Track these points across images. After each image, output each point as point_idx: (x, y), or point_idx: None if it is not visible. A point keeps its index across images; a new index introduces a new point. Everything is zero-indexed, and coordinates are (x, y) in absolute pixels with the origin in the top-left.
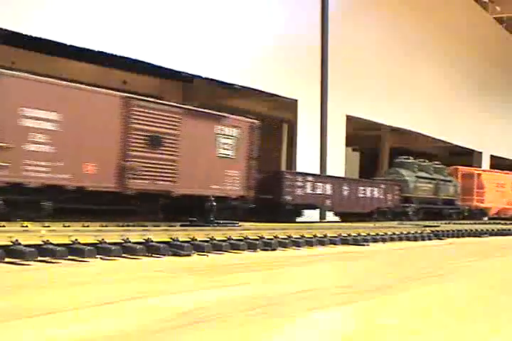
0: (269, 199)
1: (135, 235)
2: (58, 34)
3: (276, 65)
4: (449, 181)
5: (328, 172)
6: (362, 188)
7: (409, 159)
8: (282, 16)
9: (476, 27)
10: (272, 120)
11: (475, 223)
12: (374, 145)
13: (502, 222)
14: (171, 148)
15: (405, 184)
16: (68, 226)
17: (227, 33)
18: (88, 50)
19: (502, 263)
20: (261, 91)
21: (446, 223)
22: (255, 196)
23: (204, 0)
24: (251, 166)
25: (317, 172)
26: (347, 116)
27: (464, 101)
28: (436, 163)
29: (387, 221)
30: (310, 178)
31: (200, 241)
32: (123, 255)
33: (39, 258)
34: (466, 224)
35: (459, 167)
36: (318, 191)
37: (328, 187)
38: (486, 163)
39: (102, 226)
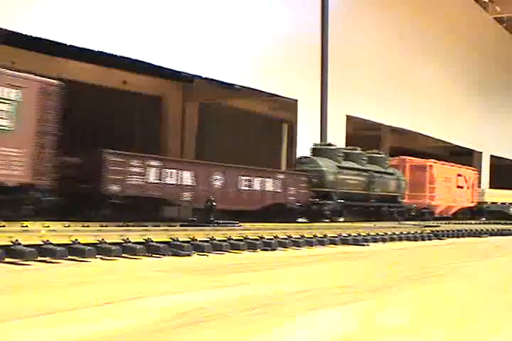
0: (88, 191)
1: (135, 235)
2: (58, 34)
3: (277, 65)
4: (390, 174)
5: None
6: (246, 178)
7: (330, 145)
8: (282, 16)
9: (476, 27)
10: (272, 120)
11: (475, 223)
12: (374, 145)
13: (502, 221)
14: None
15: (321, 175)
16: (68, 226)
17: (228, 33)
18: (88, 50)
19: (502, 263)
20: (261, 91)
21: (446, 223)
22: (62, 185)
23: (204, 0)
24: (45, 143)
25: None
26: (347, 116)
27: (464, 101)
28: (374, 151)
29: (292, 222)
30: (155, 162)
31: (200, 241)
32: (123, 255)
33: (39, 258)
34: (466, 224)
35: (407, 157)
36: (170, 180)
37: (188, 175)
38: (486, 163)
39: (102, 226)
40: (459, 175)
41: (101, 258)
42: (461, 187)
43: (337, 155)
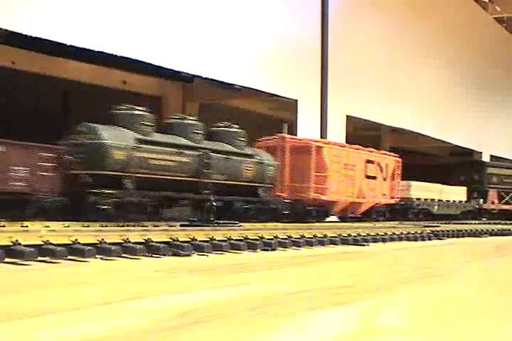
0: None
1: (135, 235)
2: (58, 34)
3: (277, 65)
4: (247, 156)
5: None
6: None
7: (135, 109)
8: (283, 17)
9: (476, 27)
10: (272, 120)
11: (475, 223)
12: (374, 145)
13: (502, 222)
14: None
15: (101, 151)
16: (68, 227)
17: (228, 34)
18: (88, 50)
19: (502, 263)
20: (261, 91)
21: (446, 223)
22: None
23: (204, 0)
24: None
25: None
26: (347, 116)
27: (464, 101)
28: (223, 124)
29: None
30: None
31: (200, 241)
32: (123, 255)
33: (39, 258)
34: (466, 224)
35: (287, 136)
36: None
37: None
38: None
39: (102, 227)
40: (370, 161)
41: (101, 258)
42: (374, 178)
43: (141, 123)
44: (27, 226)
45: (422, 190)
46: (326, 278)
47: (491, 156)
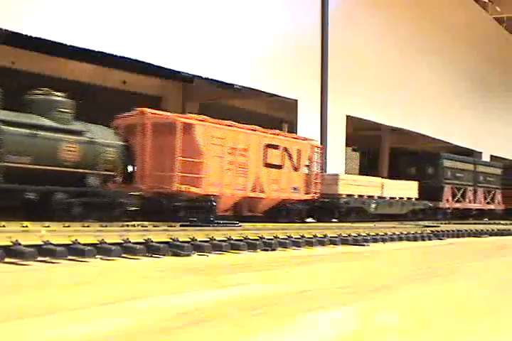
0: None
1: (135, 235)
2: (58, 34)
3: (277, 65)
4: (72, 133)
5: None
6: None
7: None
8: (282, 16)
9: (476, 27)
10: (272, 120)
11: (475, 223)
12: (374, 145)
13: (502, 222)
14: None
15: None
16: (68, 227)
17: (228, 33)
18: (88, 50)
19: (502, 263)
20: (261, 91)
21: (446, 223)
22: None
23: (204, 0)
24: None
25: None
26: (347, 116)
27: (464, 101)
28: (44, 91)
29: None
30: None
31: (200, 241)
32: (123, 255)
33: (39, 258)
34: (466, 224)
35: (148, 110)
36: None
37: None
38: None
39: (102, 227)
40: (272, 146)
41: (101, 258)
42: (278, 167)
43: None
44: (27, 226)
45: (354, 185)
46: (326, 278)
47: (491, 156)
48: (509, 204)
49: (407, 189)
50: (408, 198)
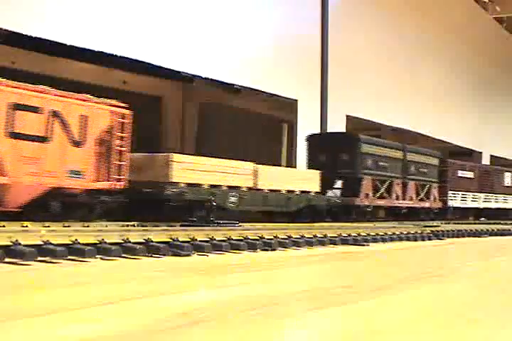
0: None
1: (135, 235)
2: (58, 34)
3: (276, 65)
4: None
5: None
6: None
7: None
8: (282, 16)
9: (476, 27)
10: (272, 120)
11: (475, 223)
12: None
13: (502, 222)
14: None
15: None
16: (68, 226)
17: (228, 33)
18: (88, 50)
19: (502, 263)
20: (261, 91)
21: (446, 223)
22: None
23: (204, 0)
24: None
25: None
26: (347, 116)
27: (464, 101)
28: None
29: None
30: None
31: (200, 241)
32: (123, 255)
33: (39, 258)
34: (466, 224)
35: None
36: None
37: None
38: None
39: (102, 227)
40: (26, 108)
41: (101, 258)
42: (41, 140)
43: None
44: (27, 226)
45: (199, 171)
46: (326, 278)
47: (491, 156)
48: (443, 201)
49: (302, 180)
50: (304, 192)
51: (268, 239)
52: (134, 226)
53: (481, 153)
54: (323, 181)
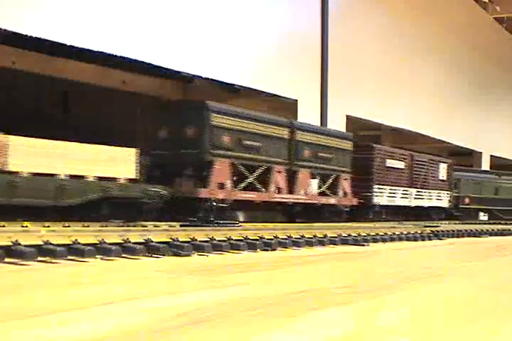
0: None
1: (135, 235)
2: (58, 34)
3: (277, 65)
4: None
5: None
6: None
7: None
8: (282, 16)
9: (476, 27)
10: None
11: (475, 223)
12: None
13: (502, 221)
14: None
15: None
16: (68, 227)
17: (228, 33)
18: (88, 50)
19: (502, 263)
20: (261, 91)
21: (446, 223)
22: None
23: (204, 0)
24: None
25: None
26: (347, 116)
27: (464, 101)
28: None
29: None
30: None
31: (200, 241)
32: (123, 255)
33: (39, 258)
34: (466, 224)
35: None
36: None
37: None
38: (486, 163)
39: (102, 227)
40: None
41: (101, 258)
42: None
43: None
44: (27, 227)
45: None
46: (326, 278)
47: (491, 156)
48: (364, 197)
49: (103, 161)
50: (105, 178)
51: (268, 239)
52: (134, 226)
53: (481, 153)
54: (159, 165)
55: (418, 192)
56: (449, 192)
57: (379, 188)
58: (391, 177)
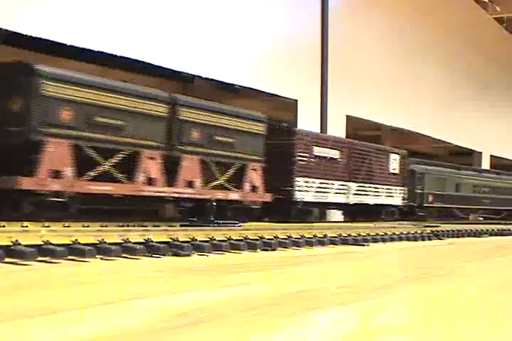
0: None
1: (135, 235)
2: (58, 34)
3: (277, 65)
4: None
5: None
6: None
7: None
8: (282, 16)
9: (476, 27)
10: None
11: (475, 223)
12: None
13: (502, 221)
14: None
15: None
16: (68, 226)
17: (228, 33)
18: (88, 50)
19: (502, 263)
20: (261, 91)
21: (446, 223)
22: None
23: (204, 0)
24: None
25: None
26: (347, 116)
27: (464, 101)
28: None
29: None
30: None
31: (200, 241)
32: (123, 255)
33: (39, 258)
34: (466, 224)
35: None
36: None
37: None
38: (486, 163)
39: (102, 227)
40: None
41: (101, 258)
42: None
43: None
44: (27, 227)
45: None
46: (326, 278)
47: (491, 156)
48: (283, 192)
49: None
50: None
51: (268, 239)
52: (133, 226)
53: (481, 153)
54: None
55: (360, 187)
56: (402, 188)
57: (304, 182)
58: (321, 169)
